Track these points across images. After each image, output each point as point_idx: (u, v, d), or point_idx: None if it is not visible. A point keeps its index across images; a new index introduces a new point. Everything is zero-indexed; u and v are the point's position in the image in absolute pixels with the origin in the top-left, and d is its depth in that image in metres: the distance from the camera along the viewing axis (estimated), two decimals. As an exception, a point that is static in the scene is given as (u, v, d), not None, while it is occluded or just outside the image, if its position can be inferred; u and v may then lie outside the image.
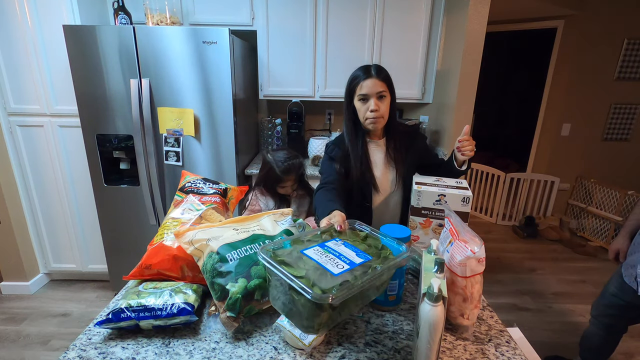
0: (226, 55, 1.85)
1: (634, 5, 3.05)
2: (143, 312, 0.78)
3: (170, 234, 0.97)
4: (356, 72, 1.20)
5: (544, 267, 2.87)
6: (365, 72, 1.17)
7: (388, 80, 1.18)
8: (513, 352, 0.75)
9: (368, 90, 1.15)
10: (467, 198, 1.04)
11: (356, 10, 2.26)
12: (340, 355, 0.74)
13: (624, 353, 1.96)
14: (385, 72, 1.19)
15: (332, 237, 0.80)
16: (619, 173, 3.47)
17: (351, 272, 0.67)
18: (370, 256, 0.75)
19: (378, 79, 1.15)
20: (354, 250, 0.76)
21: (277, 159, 1.44)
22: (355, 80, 1.18)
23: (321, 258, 0.70)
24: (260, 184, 1.52)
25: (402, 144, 1.28)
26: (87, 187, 2.18)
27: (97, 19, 2.14)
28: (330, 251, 0.73)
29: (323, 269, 0.67)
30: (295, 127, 2.49)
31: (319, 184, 1.22)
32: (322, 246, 0.73)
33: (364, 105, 1.18)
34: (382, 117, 1.19)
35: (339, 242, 0.78)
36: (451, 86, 2.23)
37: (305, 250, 0.71)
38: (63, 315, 2.17)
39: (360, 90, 1.17)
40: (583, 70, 3.25)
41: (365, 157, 1.25)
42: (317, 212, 1.04)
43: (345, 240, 0.80)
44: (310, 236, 0.81)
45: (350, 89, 1.21)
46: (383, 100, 1.18)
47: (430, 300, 0.64)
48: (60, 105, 2.07)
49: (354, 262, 0.71)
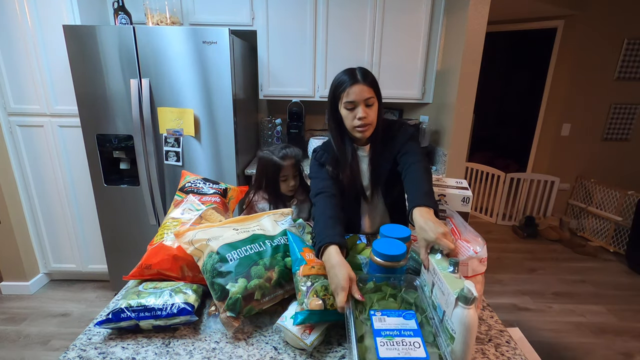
0: (226, 55, 1.85)
1: (634, 5, 3.05)
2: (143, 312, 0.78)
3: (170, 234, 0.97)
4: (341, 77, 1.11)
5: (544, 267, 2.87)
6: (351, 77, 1.08)
7: (375, 84, 1.11)
8: (513, 352, 0.75)
9: (355, 97, 1.07)
10: (467, 198, 1.04)
11: (356, 11, 2.26)
12: (340, 355, 0.74)
13: (624, 353, 1.96)
14: (372, 75, 1.11)
15: (370, 312, 0.75)
16: (619, 173, 3.47)
17: (425, 341, 0.68)
18: (412, 311, 0.74)
19: (365, 84, 1.07)
20: (397, 314, 0.74)
21: (272, 149, 1.44)
22: (342, 87, 1.09)
23: (394, 349, 0.66)
24: (260, 187, 1.48)
25: (387, 148, 1.19)
26: (87, 187, 2.18)
27: (97, 19, 2.14)
28: (389, 335, 0.69)
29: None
30: (295, 127, 2.49)
31: (312, 191, 1.13)
32: (379, 334, 0.69)
33: (351, 113, 1.10)
34: (371, 125, 1.12)
35: (380, 315, 0.74)
36: (451, 86, 2.23)
37: (380, 354, 0.66)
38: (63, 315, 2.17)
39: (346, 97, 1.08)
40: (583, 70, 3.25)
41: (356, 166, 1.20)
42: (315, 230, 0.96)
43: (379, 308, 0.77)
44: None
45: (335, 96, 1.12)
46: (371, 107, 1.10)
47: (465, 304, 0.64)
48: (60, 105, 2.07)
49: (414, 328, 0.70)
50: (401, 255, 0.83)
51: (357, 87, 1.07)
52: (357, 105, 1.09)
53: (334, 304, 0.76)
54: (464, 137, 2.28)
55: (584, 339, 2.07)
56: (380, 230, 0.97)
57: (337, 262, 0.81)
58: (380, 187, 1.24)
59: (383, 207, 1.29)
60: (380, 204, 1.28)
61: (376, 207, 1.29)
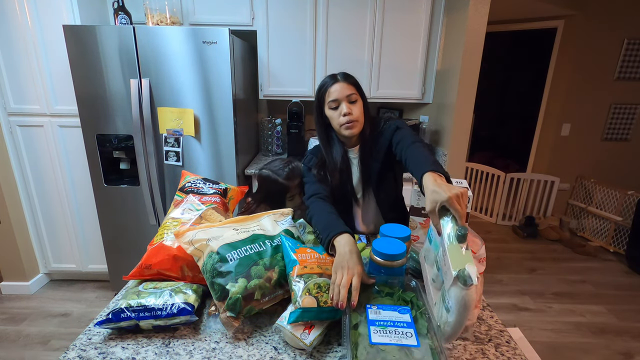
0: (226, 55, 1.85)
1: (634, 5, 3.05)
2: (143, 312, 0.78)
3: (170, 234, 0.97)
4: (322, 81, 1.17)
5: (544, 267, 2.87)
6: (332, 78, 1.14)
7: (356, 84, 1.15)
8: (513, 352, 0.75)
9: (337, 94, 1.11)
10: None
11: (356, 11, 2.26)
12: (340, 355, 0.74)
13: (624, 353, 1.96)
14: (353, 77, 1.16)
15: (366, 305, 0.78)
16: (619, 173, 3.47)
17: (418, 333, 0.69)
18: (407, 307, 0.76)
19: (345, 82, 1.12)
20: (392, 309, 0.76)
21: (274, 169, 1.34)
22: (323, 88, 1.15)
23: (387, 337, 0.69)
24: (262, 202, 1.38)
25: (376, 147, 1.20)
26: (87, 187, 2.18)
27: (97, 19, 2.14)
28: (384, 325, 0.72)
29: (404, 347, 0.66)
30: (295, 127, 2.49)
31: (306, 194, 1.16)
32: (373, 324, 0.71)
33: (335, 112, 1.14)
34: (357, 121, 1.13)
35: (375, 308, 0.76)
36: (451, 86, 2.23)
37: (373, 339, 0.69)
38: (63, 315, 2.17)
39: (329, 97, 1.13)
40: (583, 70, 3.25)
41: (345, 168, 1.21)
42: (319, 227, 0.98)
43: (375, 303, 0.79)
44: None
45: (319, 99, 1.17)
46: (355, 104, 1.13)
47: (464, 285, 0.62)
48: (60, 105, 2.07)
49: (408, 321, 0.72)
50: (401, 255, 0.84)
51: (337, 85, 1.12)
52: (341, 102, 1.12)
53: (327, 301, 0.77)
54: (464, 137, 2.28)
55: (584, 339, 2.07)
56: (380, 229, 0.98)
57: (355, 250, 0.85)
58: (372, 188, 1.25)
59: (375, 207, 1.29)
60: (372, 204, 1.28)
61: (368, 208, 1.30)
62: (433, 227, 0.79)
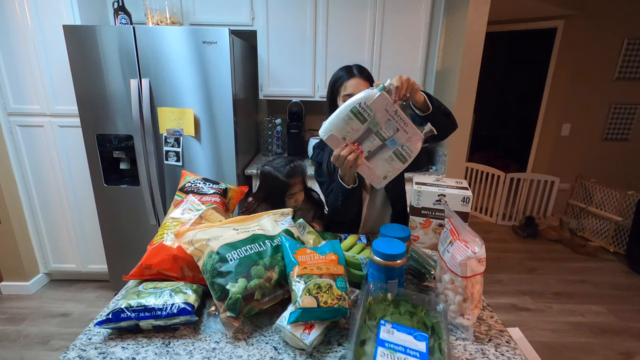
0: (226, 55, 1.85)
1: (634, 5, 3.05)
2: (143, 312, 0.78)
3: (170, 234, 0.97)
4: (338, 72, 1.18)
5: (544, 267, 2.87)
6: (348, 72, 1.15)
7: (371, 79, 1.18)
8: (513, 352, 0.75)
9: (353, 89, 1.13)
10: (467, 198, 1.04)
11: (356, 11, 2.25)
12: (340, 355, 0.74)
13: (624, 353, 1.96)
14: (367, 71, 1.18)
15: (380, 321, 0.72)
16: (619, 173, 3.47)
17: None
18: (425, 334, 0.69)
19: (361, 78, 1.14)
20: (408, 332, 0.69)
21: (276, 166, 1.34)
22: (339, 81, 1.16)
23: None
24: (263, 200, 1.37)
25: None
26: (87, 187, 2.18)
27: (97, 19, 2.14)
28: (394, 348, 0.65)
29: None
30: (295, 127, 2.49)
31: (324, 193, 1.27)
32: (382, 344, 0.65)
33: None
34: None
35: (390, 327, 0.71)
36: (451, 86, 2.23)
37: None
38: (63, 315, 2.17)
39: (344, 91, 1.14)
40: (583, 70, 3.25)
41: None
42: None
43: (391, 320, 0.73)
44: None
45: (333, 90, 1.19)
46: None
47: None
48: (60, 105, 2.07)
49: (422, 351, 0.65)
50: (401, 255, 0.83)
51: (354, 80, 1.14)
52: None
53: (327, 301, 0.76)
54: (464, 137, 2.28)
55: (584, 339, 2.07)
56: (380, 229, 0.98)
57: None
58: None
59: (383, 194, 1.31)
60: (381, 191, 1.31)
61: (376, 197, 1.32)
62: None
